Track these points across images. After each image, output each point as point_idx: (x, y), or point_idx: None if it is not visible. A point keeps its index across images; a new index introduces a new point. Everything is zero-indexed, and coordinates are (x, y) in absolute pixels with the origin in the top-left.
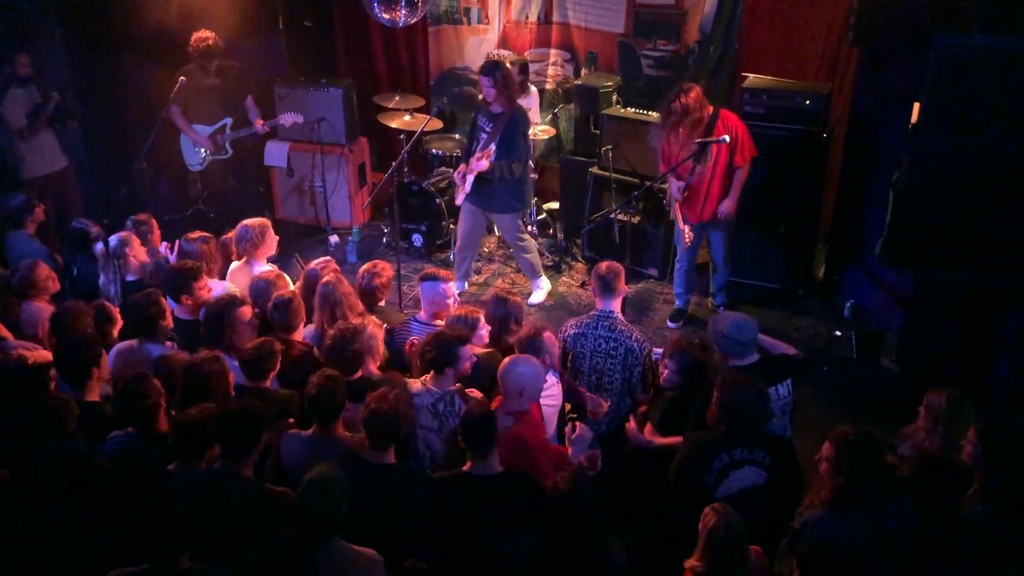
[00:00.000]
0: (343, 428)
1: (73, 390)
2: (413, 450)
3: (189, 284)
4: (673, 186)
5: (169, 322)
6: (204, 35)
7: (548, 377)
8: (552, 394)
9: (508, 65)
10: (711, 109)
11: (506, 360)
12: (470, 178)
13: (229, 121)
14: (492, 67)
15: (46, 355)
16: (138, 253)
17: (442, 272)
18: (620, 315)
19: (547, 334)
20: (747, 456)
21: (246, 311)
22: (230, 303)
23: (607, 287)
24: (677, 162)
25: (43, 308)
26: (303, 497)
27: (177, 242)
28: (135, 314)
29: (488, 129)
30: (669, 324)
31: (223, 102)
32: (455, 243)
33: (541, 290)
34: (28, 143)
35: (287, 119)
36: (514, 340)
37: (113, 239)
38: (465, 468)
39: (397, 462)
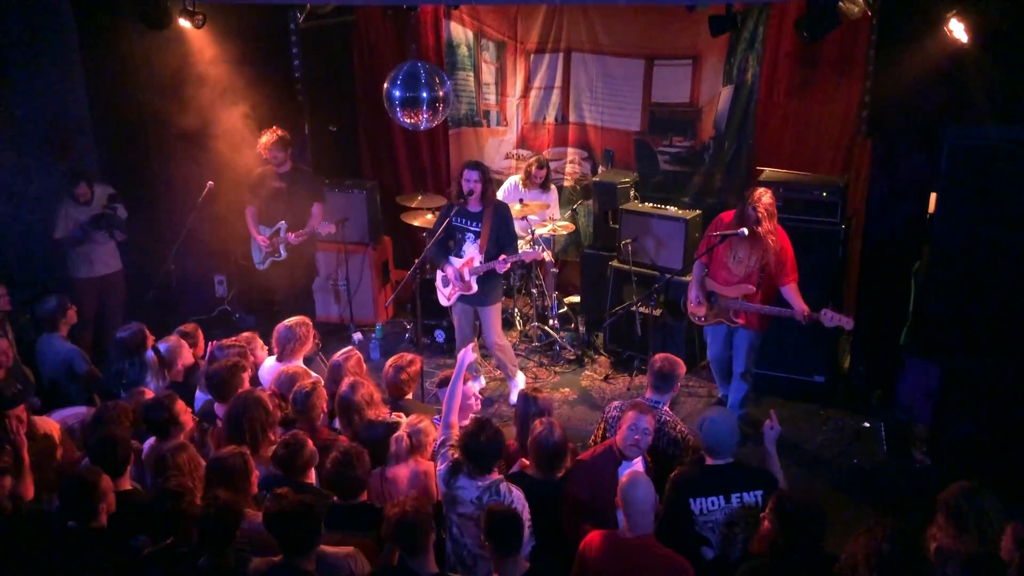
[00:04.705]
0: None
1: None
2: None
3: (239, 379)
4: (692, 290)
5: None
6: (266, 134)
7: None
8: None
9: (531, 163)
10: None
11: (624, 482)
12: (472, 279)
13: (283, 225)
14: (477, 163)
15: None
16: (186, 359)
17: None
18: (667, 409)
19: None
20: None
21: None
22: (253, 395)
23: (662, 381)
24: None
25: None
26: None
27: (210, 345)
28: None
29: (475, 228)
30: None
31: (285, 205)
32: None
33: (520, 386)
34: (80, 248)
35: (322, 228)
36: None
37: (163, 346)
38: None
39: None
